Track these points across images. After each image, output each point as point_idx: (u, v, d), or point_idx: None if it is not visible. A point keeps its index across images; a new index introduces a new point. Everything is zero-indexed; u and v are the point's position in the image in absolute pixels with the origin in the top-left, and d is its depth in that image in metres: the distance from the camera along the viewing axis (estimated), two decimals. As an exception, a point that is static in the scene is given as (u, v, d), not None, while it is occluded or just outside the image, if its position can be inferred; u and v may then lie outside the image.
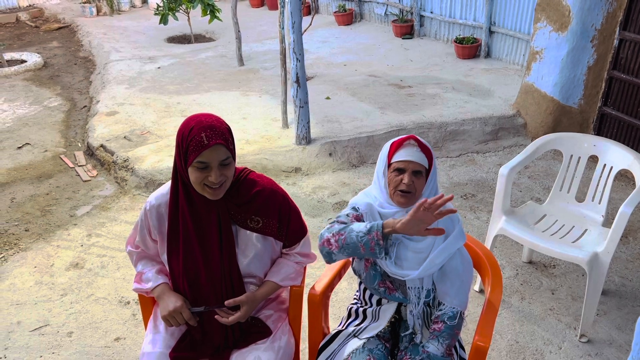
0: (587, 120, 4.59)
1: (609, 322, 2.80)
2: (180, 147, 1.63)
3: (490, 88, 5.56)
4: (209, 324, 1.82)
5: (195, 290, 1.78)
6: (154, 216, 1.77)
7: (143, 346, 1.85)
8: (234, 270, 1.77)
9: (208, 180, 1.61)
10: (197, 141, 1.57)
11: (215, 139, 1.58)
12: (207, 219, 1.72)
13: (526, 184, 4.18)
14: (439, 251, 1.72)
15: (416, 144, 1.73)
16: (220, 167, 1.61)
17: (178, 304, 1.76)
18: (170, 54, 7.49)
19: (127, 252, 1.92)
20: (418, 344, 1.80)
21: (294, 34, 4.16)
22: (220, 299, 1.78)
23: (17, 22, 10.28)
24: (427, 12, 7.53)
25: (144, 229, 1.82)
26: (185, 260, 1.75)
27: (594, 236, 2.74)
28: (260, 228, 1.77)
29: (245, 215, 1.75)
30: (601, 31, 4.23)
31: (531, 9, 5.87)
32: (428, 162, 1.74)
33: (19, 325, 2.86)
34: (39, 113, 5.82)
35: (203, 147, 1.56)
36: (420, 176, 1.72)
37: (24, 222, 3.82)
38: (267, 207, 1.78)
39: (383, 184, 1.77)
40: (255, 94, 5.73)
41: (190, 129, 1.60)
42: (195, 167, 1.60)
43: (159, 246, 1.83)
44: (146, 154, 4.46)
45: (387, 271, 1.75)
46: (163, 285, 1.83)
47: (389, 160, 1.76)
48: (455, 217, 1.79)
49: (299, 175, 4.31)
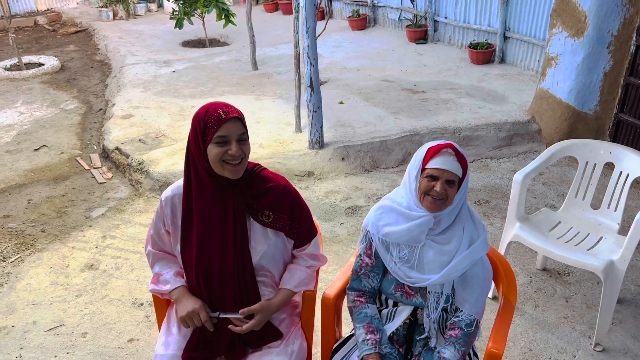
0: (603, 126, 4.55)
1: (624, 331, 2.77)
2: (198, 129, 1.67)
3: (504, 94, 5.54)
4: (219, 322, 1.83)
5: (208, 282, 1.79)
6: (168, 207, 1.81)
7: (156, 348, 1.86)
8: (247, 261, 1.78)
9: (228, 155, 1.65)
10: (215, 117, 1.64)
11: (232, 113, 1.66)
12: (222, 208, 1.74)
13: (540, 190, 4.15)
14: (463, 257, 1.72)
15: (453, 153, 1.70)
16: (239, 142, 1.67)
17: (197, 305, 1.78)
18: (185, 57, 7.56)
19: (146, 253, 1.93)
20: (432, 348, 1.79)
21: (308, 38, 4.18)
22: (232, 291, 1.79)
23: (35, 26, 10.44)
24: (441, 17, 7.52)
25: (159, 221, 1.85)
26: (199, 250, 1.76)
27: (610, 244, 2.71)
28: (271, 222, 1.79)
29: (257, 209, 1.78)
30: (618, 37, 4.19)
31: (546, 15, 5.83)
32: (462, 172, 1.72)
33: (35, 325, 2.90)
34: (56, 115, 5.91)
35: (221, 121, 1.64)
36: (453, 185, 1.70)
37: (40, 223, 3.87)
38: (280, 202, 1.80)
39: (414, 187, 1.74)
40: (268, 98, 5.76)
41: (206, 109, 1.67)
42: (214, 144, 1.65)
43: (172, 238, 1.85)
44: (161, 156, 4.50)
45: (406, 282, 1.76)
46: (182, 288, 1.85)
47: (424, 165, 1.72)
48: (481, 225, 1.79)
49: (312, 179, 4.32)
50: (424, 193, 1.72)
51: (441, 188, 1.68)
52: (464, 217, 1.78)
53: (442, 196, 1.69)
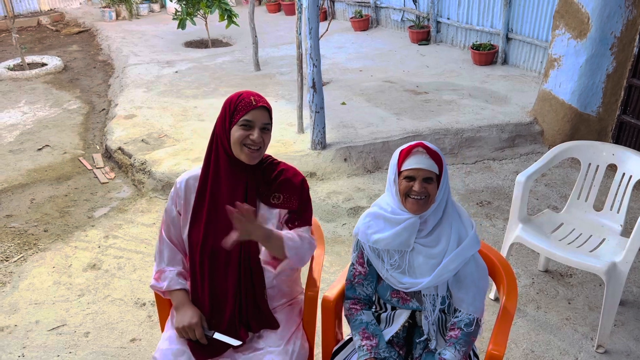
0: (606, 128, 4.54)
1: (627, 333, 2.76)
2: (228, 110, 1.76)
3: (507, 95, 5.53)
4: (216, 299, 1.84)
5: (213, 263, 1.82)
6: (182, 189, 1.88)
7: (159, 343, 1.88)
8: (253, 246, 1.81)
9: (249, 139, 1.74)
10: (247, 102, 1.74)
11: (263, 102, 1.77)
12: (233, 189, 1.80)
13: (543, 192, 4.14)
14: (452, 257, 1.72)
15: (424, 151, 1.71)
16: (262, 130, 1.75)
17: (194, 320, 1.81)
18: (187, 58, 7.57)
19: (159, 237, 1.94)
20: (433, 350, 1.79)
21: (311, 39, 4.18)
22: (237, 274, 1.81)
23: (39, 26, 10.47)
24: (443, 18, 7.52)
25: (172, 203, 1.90)
26: (207, 229, 1.80)
27: (612, 245, 2.70)
28: (280, 203, 1.84)
29: (268, 193, 1.84)
30: (621, 39, 4.19)
31: (549, 16, 5.83)
32: (438, 167, 1.72)
33: (37, 324, 2.90)
34: (59, 115, 5.92)
35: (251, 107, 1.73)
36: (432, 182, 1.71)
37: (43, 222, 3.88)
38: (289, 185, 1.85)
39: (394, 191, 1.76)
40: (271, 99, 5.76)
41: (239, 95, 1.78)
42: (239, 126, 1.73)
43: (182, 219, 1.89)
44: (163, 157, 4.51)
45: (399, 287, 1.76)
46: (183, 293, 1.87)
47: (399, 168, 1.74)
48: (469, 222, 1.79)
49: (314, 180, 4.32)
50: (404, 195, 1.73)
51: (419, 187, 1.70)
52: (450, 215, 1.77)
53: (423, 195, 1.70)
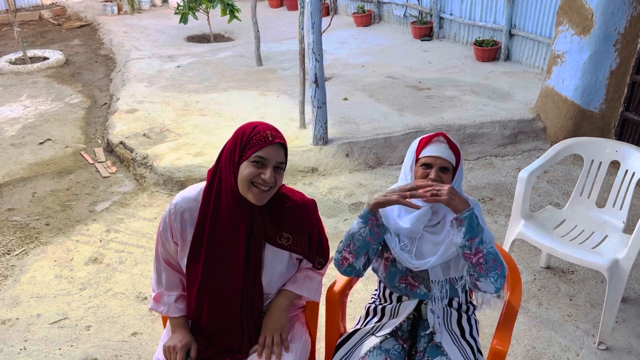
0: (608, 125, 4.53)
1: (628, 330, 2.76)
2: (239, 142, 1.61)
3: (509, 91, 5.52)
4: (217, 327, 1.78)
5: (214, 301, 1.74)
6: (177, 219, 1.72)
7: (159, 348, 1.85)
8: (257, 286, 1.74)
9: (260, 179, 1.60)
10: (262, 136, 1.59)
11: (280, 139, 1.63)
12: (236, 230, 1.67)
13: (545, 188, 4.14)
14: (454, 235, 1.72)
15: (445, 141, 1.75)
16: (275, 169, 1.62)
17: (179, 345, 1.72)
18: (189, 53, 7.56)
19: (155, 255, 1.84)
20: (438, 344, 1.79)
21: (313, 34, 4.17)
22: (237, 313, 1.75)
23: (40, 20, 10.45)
24: (446, 14, 7.49)
25: (166, 231, 1.76)
26: (205, 269, 1.70)
27: (615, 242, 2.70)
28: (290, 245, 1.73)
29: (276, 232, 1.72)
30: (624, 35, 4.17)
31: (552, 12, 5.80)
32: (456, 159, 1.75)
33: (39, 317, 2.91)
34: (61, 109, 5.91)
35: (267, 142, 1.59)
36: (448, 172, 1.73)
37: (45, 216, 3.88)
38: (298, 224, 1.75)
39: (410, 178, 1.78)
40: (273, 94, 5.76)
41: (254, 126, 1.62)
42: (251, 162, 1.59)
43: (179, 250, 1.77)
44: (165, 151, 4.50)
45: (410, 266, 1.76)
46: (180, 319, 1.80)
47: (417, 156, 1.77)
48: (475, 202, 1.80)
49: (316, 175, 4.31)
50: None
51: (435, 175, 1.71)
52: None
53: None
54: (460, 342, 1.80)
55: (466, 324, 1.86)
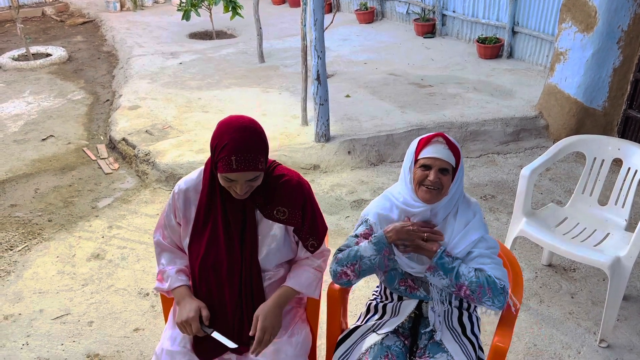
0: (611, 123, 4.52)
1: (630, 327, 2.76)
2: (212, 152, 1.66)
3: (512, 89, 5.51)
4: (216, 308, 1.81)
5: (217, 278, 1.79)
6: (181, 199, 1.80)
7: (162, 341, 1.86)
8: (254, 260, 1.78)
9: (233, 190, 1.67)
10: (226, 162, 1.59)
11: (245, 167, 1.60)
12: (234, 207, 1.75)
13: (547, 186, 4.13)
14: (456, 241, 1.73)
15: (444, 142, 1.73)
16: (248, 181, 1.65)
17: (191, 315, 1.74)
18: (191, 49, 7.55)
19: (154, 242, 1.92)
20: (438, 342, 1.79)
21: (315, 31, 4.16)
22: (236, 289, 1.79)
23: (43, 16, 10.45)
24: (449, 11, 7.47)
25: (170, 212, 1.84)
26: (208, 246, 1.77)
27: (617, 240, 2.70)
28: (286, 219, 1.78)
29: (272, 207, 1.77)
30: (628, 32, 4.15)
31: (556, 10, 5.79)
32: (455, 160, 1.73)
33: (41, 313, 2.92)
34: (63, 106, 5.92)
35: (230, 170, 1.60)
36: (447, 174, 1.71)
37: (47, 212, 3.89)
38: (292, 197, 1.79)
39: (409, 179, 1.77)
40: (275, 91, 5.75)
41: (224, 145, 1.60)
42: (222, 177, 1.65)
43: (182, 230, 1.84)
44: (167, 148, 4.51)
45: (409, 270, 1.76)
46: (184, 288, 1.83)
47: (416, 157, 1.75)
48: (476, 206, 1.79)
49: (318, 172, 4.32)
50: (418, 184, 1.73)
51: (434, 176, 1.69)
52: (460, 209, 1.79)
53: (437, 185, 1.70)
54: (462, 339, 1.80)
55: (467, 321, 1.87)
